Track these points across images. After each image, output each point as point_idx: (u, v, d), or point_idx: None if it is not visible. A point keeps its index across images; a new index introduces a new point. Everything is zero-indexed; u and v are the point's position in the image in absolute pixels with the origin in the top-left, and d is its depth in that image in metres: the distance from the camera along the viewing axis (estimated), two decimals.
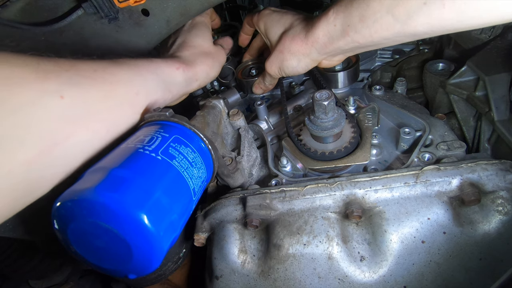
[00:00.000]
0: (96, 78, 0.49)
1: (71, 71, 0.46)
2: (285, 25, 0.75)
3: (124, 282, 1.14)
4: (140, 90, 0.55)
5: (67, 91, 0.44)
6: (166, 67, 0.63)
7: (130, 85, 0.54)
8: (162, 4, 0.69)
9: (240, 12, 1.42)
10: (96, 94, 0.48)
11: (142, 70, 0.58)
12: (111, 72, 0.52)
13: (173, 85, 0.64)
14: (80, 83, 0.46)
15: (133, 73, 0.56)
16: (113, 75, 0.52)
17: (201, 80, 0.73)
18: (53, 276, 1.21)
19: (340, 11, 0.60)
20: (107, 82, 0.50)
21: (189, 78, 0.68)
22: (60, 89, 0.43)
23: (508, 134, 0.71)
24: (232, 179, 0.72)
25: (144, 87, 0.56)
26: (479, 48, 0.83)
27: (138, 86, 0.55)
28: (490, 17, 0.46)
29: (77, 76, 0.46)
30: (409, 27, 0.52)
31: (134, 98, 0.54)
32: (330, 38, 0.64)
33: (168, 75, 0.63)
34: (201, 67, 0.72)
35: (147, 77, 0.58)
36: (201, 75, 0.72)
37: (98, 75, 0.49)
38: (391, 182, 0.63)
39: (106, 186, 0.42)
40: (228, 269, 0.68)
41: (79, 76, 0.47)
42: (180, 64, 0.67)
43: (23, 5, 0.69)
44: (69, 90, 0.44)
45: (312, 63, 0.73)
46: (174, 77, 0.65)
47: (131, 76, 0.55)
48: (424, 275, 0.62)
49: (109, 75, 0.51)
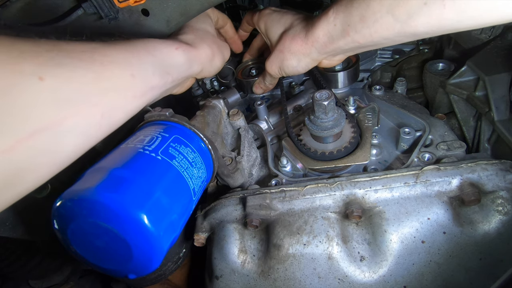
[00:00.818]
0: (84, 58, 0.44)
1: (53, 51, 0.41)
2: (285, 24, 0.75)
3: (124, 282, 1.14)
4: (136, 72, 0.50)
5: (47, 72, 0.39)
6: (164, 47, 0.59)
7: (124, 67, 0.49)
8: (162, 4, 0.69)
9: (240, 12, 1.42)
10: (85, 75, 0.43)
11: (138, 51, 0.53)
12: (103, 52, 0.47)
13: (172, 67, 0.59)
14: (64, 63, 0.41)
15: (127, 54, 0.51)
16: (105, 55, 0.47)
17: (204, 65, 0.68)
18: (53, 276, 1.21)
19: (340, 11, 0.60)
20: (97, 62, 0.45)
21: (190, 60, 0.64)
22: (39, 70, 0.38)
23: (508, 134, 0.71)
24: (232, 179, 0.72)
25: (140, 68, 0.51)
26: (479, 48, 0.83)
27: (133, 67, 0.50)
28: (490, 17, 0.46)
29: (60, 56, 0.41)
30: (409, 27, 0.52)
31: (130, 81, 0.49)
32: (330, 38, 0.64)
33: (166, 56, 0.58)
34: (205, 50, 0.68)
35: (143, 58, 0.53)
36: (204, 59, 0.68)
37: (87, 55, 0.44)
38: (391, 182, 0.63)
39: (106, 186, 0.42)
40: (228, 269, 0.68)
41: (63, 56, 0.41)
42: (180, 44, 0.63)
43: (23, 5, 0.69)
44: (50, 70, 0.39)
45: (312, 63, 0.73)
46: (173, 58, 0.60)
47: (125, 56, 0.50)
48: (424, 275, 0.62)
49: (99, 55, 0.46)
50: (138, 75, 0.51)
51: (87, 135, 0.44)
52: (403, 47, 1.04)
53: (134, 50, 0.52)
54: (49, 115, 0.38)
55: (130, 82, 0.49)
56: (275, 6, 0.87)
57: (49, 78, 0.38)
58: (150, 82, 0.53)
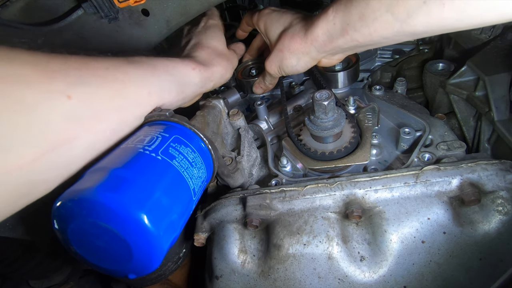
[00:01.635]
0: (107, 76, 0.47)
1: (81, 70, 0.44)
2: (284, 24, 0.75)
3: (124, 282, 1.14)
4: (153, 90, 0.53)
5: (75, 91, 0.42)
6: (183, 67, 0.62)
7: (142, 85, 0.52)
8: (162, 4, 0.69)
9: (240, 12, 1.42)
10: (105, 93, 0.46)
11: (158, 70, 0.56)
12: (124, 70, 0.50)
13: (188, 85, 0.62)
14: (90, 82, 0.44)
15: (147, 72, 0.53)
16: (126, 73, 0.50)
17: (215, 81, 0.72)
18: (53, 276, 1.21)
19: (339, 10, 0.60)
20: (118, 80, 0.48)
21: (204, 79, 0.67)
22: (68, 89, 0.41)
23: (508, 134, 0.71)
24: (232, 179, 0.72)
25: (157, 87, 0.54)
26: (479, 48, 0.83)
27: (151, 85, 0.53)
28: (489, 16, 0.46)
29: (87, 75, 0.45)
30: (408, 26, 0.52)
31: (146, 99, 0.52)
32: (330, 37, 0.64)
33: (184, 75, 0.62)
34: (217, 68, 0.71)
35: (162, 77, 0.56)
36: (216, 76, 0.71)
37: (110, 73, 0.48)
38: (391, 182, 0.63)
39: (106, 186, 0.42)
40: (228, 269, 0.68)
41: (89, 75, 0.45)
42: (197, 64, 0.66)
43: (23, 5, 0.69)
44: (77, 89, 0.42)
45: (312, 62, 0.72)
46: (190, 78, 0.63)
47: (145, 75, 0.53)
48: (424, 275, 0.62)
49: (121, 74, 0.49)
50: (155, 93, 0.53)
51: (96, 149, 0.47)
52: (403, 47, 1.04)
53: (154, 69, 0.55)
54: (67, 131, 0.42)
55: (146, 99, 0.52)
56: (275, 6, 0.87)
57: (75, 97, 0.42)
58: (164, 99, 0.56)
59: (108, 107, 0.47)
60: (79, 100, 0.42)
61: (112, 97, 0.47)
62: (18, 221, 0.69)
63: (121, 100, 0.48)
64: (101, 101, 0.45)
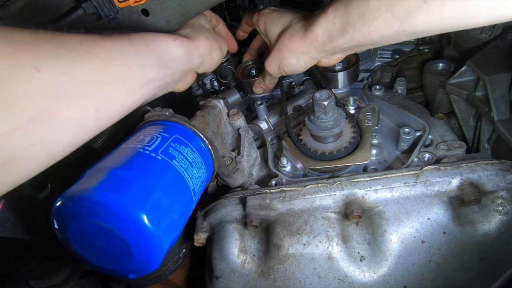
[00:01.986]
0: (82, 51, 0.44)
1: (51, 43, 0.42)
2: (284, 23, 0.75)
3: (124, 282, 1.14)
4: (134, 65, 0.51)
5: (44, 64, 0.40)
6: (162, 40, 0.59)
7: (121, 60, 0.50)
8: (162, 4, 0.69)
9: (240, 12, 1.42)
10: (82, 68, 0.44)
11: (136, 44, 0.54)
12: (100, 45, 0.47)
13: (171, 59, 0.60)
14: (62, 55, 0.42)
15: (125, 47, 0.51)
16: (102, 48, 0.47)
17: (204, 57, 0.69)
18: (53, 276, 1.21)
19: (339, 9, 0.60)
20: (94, 55, 0.46)
21: (189, 52, 0.64)
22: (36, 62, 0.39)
23: (508, 134, 0.71)
24: (232, 179, 0.72)
25: (137, 62, 0.52)
26: (479, 48, 0.83)
27: (131, 60, 0.51)
28: (490, 15, 0.46)
29: (58, 48, 0.42)
30: (408, 26, 0.52)
31: (127, 74, 0.50)
32: (329, 36, 0.63)
33: (165, 49, 0.59)
34: (203, 42, 0.68)
35: (141, 52, 0.54)
36: (203, 51, 0.68)
37: (84, 48, 0.45)
38: (391, 182, 0.63)
39: (106, 186, 0.42)
40: (228, 269, 0.68)
41: (61, 48, 0.42)
42: (178, 36, 0.63)
43: (23, 5, 0.69)
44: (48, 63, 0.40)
45: (311, 61, 0.72)
46: (172, 50, 0.61)
47: (122, 50, 0.51)
48: (424, 275, 0.62)
49: (97, 49, 0.46)
50: (136, 68, 0.51)
51: (82, 127, 0.45)
52: (403, 47, 1.04)
53: (132, 43, 0.53)
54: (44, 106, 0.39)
55: (127, 75, 0.50)
56: (274, 6, 0.87)
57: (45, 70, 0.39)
58: (148, 75, 0.54)
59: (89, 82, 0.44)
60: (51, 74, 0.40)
61: (90, 72, 0.45)
62: (18, 221, 0.69)
63: (101, 76, 0.46)
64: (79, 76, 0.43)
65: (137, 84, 0.52)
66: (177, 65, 0.62)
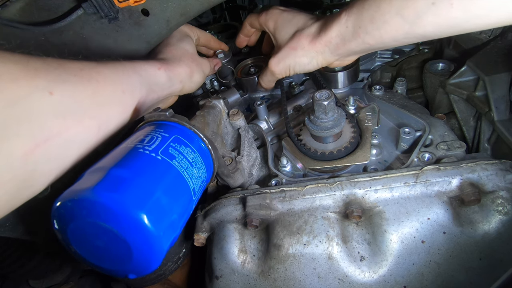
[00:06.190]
0: (83, 75, 0.50)
1: (59, 69, 0.47)
2: (298, 24, 0.75)
3: (124, 282, 1.14)
4: (126, 89, 0.57)
5: (56, 88, 0.45)
6: (149, 67, 0.65)
7: (116, 83, 0.55)
8: (162, 4, 0.69)
9: (240, 12, 1.42)
10: (84, 91, 0.49)
11: (128, 70, 0.59)
12: (97, 70, 0.53)
13: (156, 85, 0.66)
14: (69, 80, 0.47)
15: (118, 72, 0.57)
16: (99, 73, 0.53)
17: (184, 82, 0.74)
18: (53, 276, 1.21)
19: (352, 13, 0.61)
20: (93, 80, 0.51)
21: (171, 79, 0.70)
22: (49, 86, 0.44)
23: (508, 134, 0.71)
24: (232, 179, 0.72)
25: (129, 86, 0.58)
26: (479, 48, 0.83)
27: (124, 84, 0.57)
28: (498, 16, 0.46)
29: (65, 73, 0.48)
30: (418, 28, 0.53)
31: (121, 97, 0.56)
32: (342, 40, 0.65)
33: (151, 75, 0.65)
34: (184, 69, 0.74)
35: (132, 77, 0.59)
36: (184, 77, 0.74)
37: (85, 73, 0.51)
38: (391, 182, 0.63)
39: (105, 186, 0.42)
40: (228, 269, 0.68)
41: (67, 74, 0.48)
42: (162, 64, 0.69)
43: (23, 5, 0.69)
44: (58, 86, 0.45)
45: (324, 62, 0.73)
46: (157, 77, 0.66)
47: (116, 75, 0.56)
48: (424, 275, 0.62)
49: (95, 73, 0.52)
50: (128, 92, 0.57)
51: (87, 144, 0.50)
52: (403, 47, 1.04)
53: (124, 69, 0.59)
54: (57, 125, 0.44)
55: (122, 97, 0.56)
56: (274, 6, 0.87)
57: (57, 93, 0.45)
58: (138, 98, 0.60)
59: (91, 104, 0.50)
60: (61, 97, 0.45)
61: (91, 94, 0.50)
62: (18, 221, 0.69)
63: (100, 97, 0.52)
64: (82, 98, 0.49)
65: (129, 105, 0.58)
66: (162, 90, 0.68)
